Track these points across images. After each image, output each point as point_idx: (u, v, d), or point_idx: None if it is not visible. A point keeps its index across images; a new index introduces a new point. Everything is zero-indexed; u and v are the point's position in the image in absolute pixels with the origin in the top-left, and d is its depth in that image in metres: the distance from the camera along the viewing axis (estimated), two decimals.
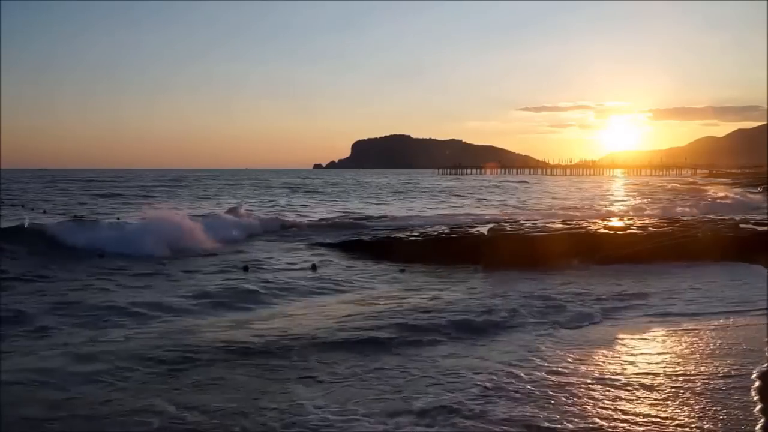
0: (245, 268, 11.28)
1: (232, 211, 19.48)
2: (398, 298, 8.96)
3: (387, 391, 5.13)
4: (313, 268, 11.47)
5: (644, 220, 17.26)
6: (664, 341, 6.76)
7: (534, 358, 5.97)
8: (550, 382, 5.28)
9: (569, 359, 5.97)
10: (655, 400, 4.88)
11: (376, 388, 5.20)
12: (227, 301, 8.59)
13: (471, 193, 45.64)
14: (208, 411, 4.69)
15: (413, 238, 14.32)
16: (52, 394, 5.03)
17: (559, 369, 5.65)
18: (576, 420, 4.50)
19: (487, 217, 21.73)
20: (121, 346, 6.35)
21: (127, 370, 5.57)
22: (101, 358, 5.88)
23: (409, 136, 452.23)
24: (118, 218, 19.35)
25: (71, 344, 6.41)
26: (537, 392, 5.04)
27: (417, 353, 6.19)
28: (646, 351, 6.33)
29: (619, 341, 6.70)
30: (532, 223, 16.01)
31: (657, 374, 5.49)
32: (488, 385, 5.22)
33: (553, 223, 16.13)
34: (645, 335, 6.98)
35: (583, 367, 5.70)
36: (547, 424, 4.43)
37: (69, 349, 6.23)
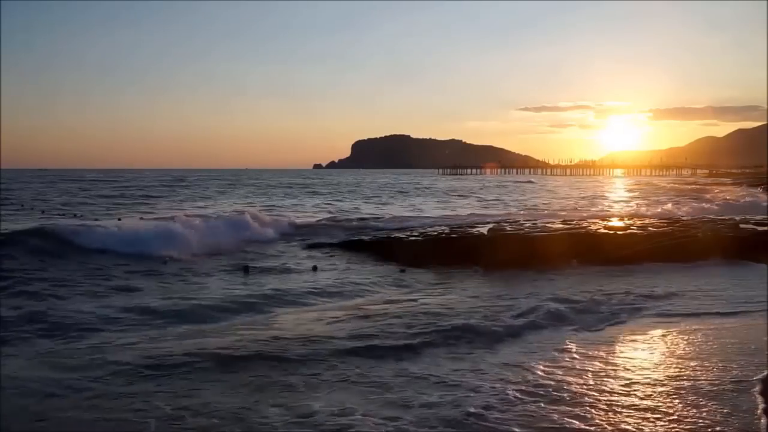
0: (245, 269, 11.27)
1: (245, 213, 19.14)
2: (400, 300, 8.90)
3: (388, 394, 5.10)
4: (314, 269, 11.44)
5: (644, 220, 17.25)
6: (674, 341, 6.73)
7: (543, 362, 5.95)
8: (558, 385, 5.26)
9: (583, 362, 5.96)
10: (665, 400, 4.87)
11: (377, 391, 5.17)
12: (225, 305, 8.43)
13: (474, 193, 45.58)
14: (207, 412, 4.69)
15: (413, 238, 14.29)
16: (45, 396, 5.01)
17: (573, 368, 5.65)
18: (576, 422, 4.49)
19: (498, 217, 21.14)
20: (117, 348, 6.31)
21: (123, 373, 5.52)
22: (95, 362, 5.86)
23: (409, 136, 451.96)
24: (119, 218, 19.37)
25: (65, 349, 6.40)
26: (541, 392, 5.03)
27: (419, 358, 6.08)
28: (656, 351, 6.35)
29: (629, 343, 6.70)
30: (532, 223, 16.00)
31: (668, 375, 5.49)
32: (495, 388, 5.21)
33: (553, 222, 16.11)
34: (657, 336, 6.98)
35: (598, 368, 5.69)
36: (548, 425, 4.43)
37: (63, 352, 6.24)
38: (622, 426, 4.40)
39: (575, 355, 6.10)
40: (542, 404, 4.78)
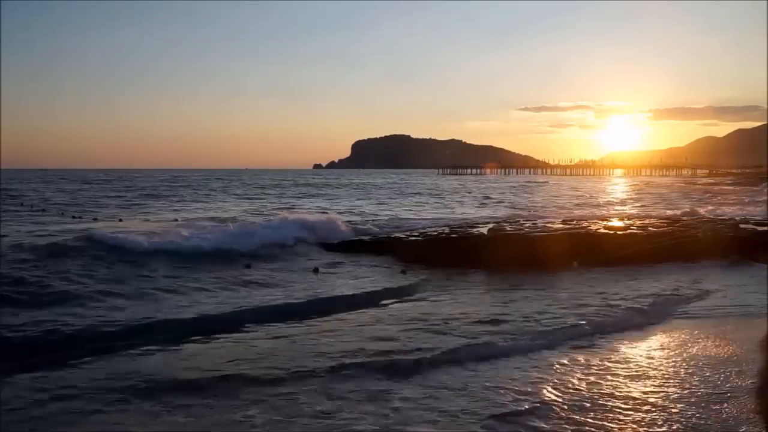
0: (247, 266, 11.31)
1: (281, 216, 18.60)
2: (401, 301, 8.83)
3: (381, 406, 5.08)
4: (315, 271, 11.40)
5: (644, 220, 17.25)
6: (674, 342, 6.73)
7: (546, 375, 5.95)
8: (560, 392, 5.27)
9: (594, 366, 5.96)
10: (663, 401, 4.88)
11: (370, 403, 5.15)
12: (222, 311, 8.19)
13: (479, 193, 45.46)
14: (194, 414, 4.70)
15: (413, 238, 14.29)
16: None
17: (577, 374, 5.65)
18: (572, 422, 4.50)
19: (520, 218, 20.39)
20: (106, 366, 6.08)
21: (116, 387, 5.34)
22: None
23: (409, 136, 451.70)
24: (120, 219, 19.43)
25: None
26: (533, 390, 5.05)
27: (432, 370, 5.70)
28: (656, 352, 6.34)
29: (636, 345, 6.69)
30: (532, 223, 15.99)
31: (665, 376, 5.49)
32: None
33: (553, 222, 16.11)
34: (657, 337, 6.99)
35: (614, 373, 5.70)
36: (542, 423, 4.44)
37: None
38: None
39: (580, 362, 6.10)
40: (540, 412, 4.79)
